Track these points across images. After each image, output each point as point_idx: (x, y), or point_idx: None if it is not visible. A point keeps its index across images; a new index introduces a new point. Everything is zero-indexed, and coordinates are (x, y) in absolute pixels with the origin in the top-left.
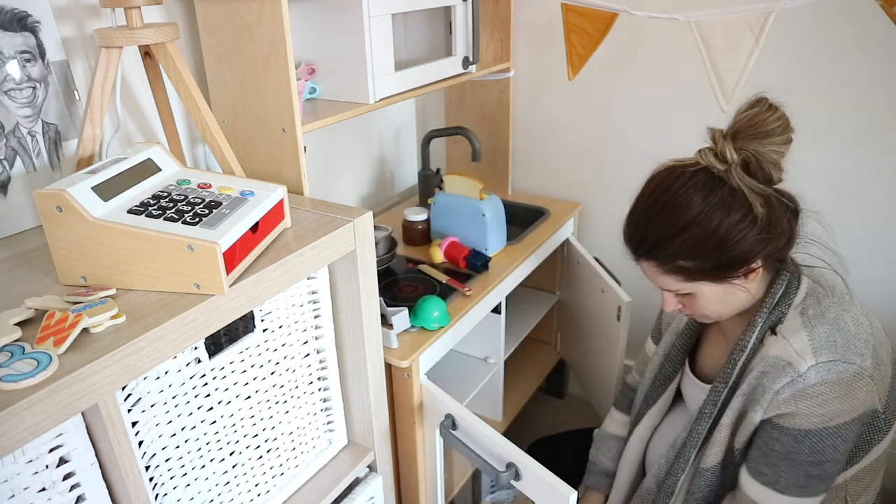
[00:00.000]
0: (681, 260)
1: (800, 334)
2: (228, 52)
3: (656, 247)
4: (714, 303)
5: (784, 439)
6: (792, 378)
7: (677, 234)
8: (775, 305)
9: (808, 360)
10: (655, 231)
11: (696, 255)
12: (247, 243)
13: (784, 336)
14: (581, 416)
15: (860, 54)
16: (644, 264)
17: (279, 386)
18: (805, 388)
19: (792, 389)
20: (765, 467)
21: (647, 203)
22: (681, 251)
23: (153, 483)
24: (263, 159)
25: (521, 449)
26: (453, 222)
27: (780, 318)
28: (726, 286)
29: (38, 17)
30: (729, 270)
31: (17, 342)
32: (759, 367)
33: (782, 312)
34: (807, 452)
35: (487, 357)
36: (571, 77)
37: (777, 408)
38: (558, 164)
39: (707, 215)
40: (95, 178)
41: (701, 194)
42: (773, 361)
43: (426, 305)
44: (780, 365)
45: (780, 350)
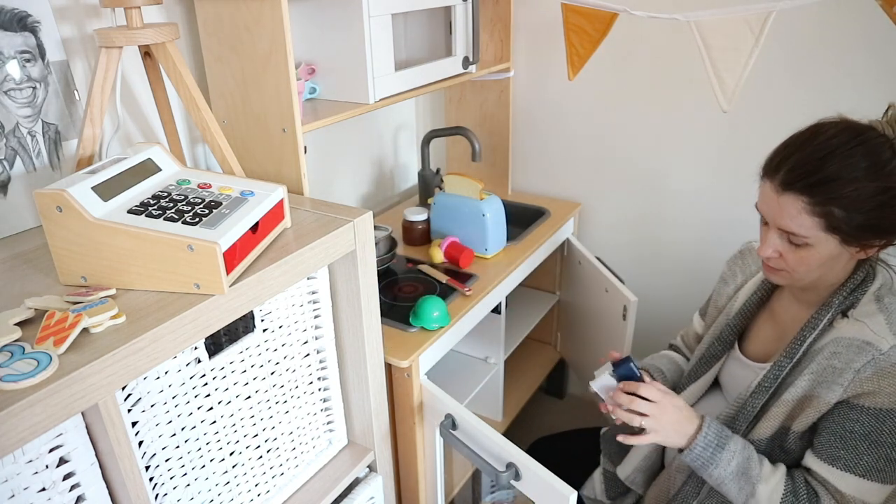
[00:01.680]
0: (836, 206)
1: (877, 317)
2: (228, 52)
3: (826, 184)
4: (817, 263)
5: (865, 419)
6: (874, 356)
7: (854, 180)
8: (852, 291)
9: (890, 340)
10: (832, 169)
11: (856, 207)
12: (247, 243)
13: (859, 319)
14: (581, 416)
15: (861, 54)
16: (789, 198)
17: (279, 386)
18: (888, 367)
19: (874, 367)
20: (842, 451)
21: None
22: (846, 197)
23: (153, 483)
24: (263, 159)
25: (521, 449)
26: (453, 222)
27: (854, 303)
28: (843, 250)
29: (38, 17)
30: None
31: (17, 342)
32: (829, 348)
33: (857, 298)
34: (888, 433)
35: (487, 357)
36: (571, 77)
37: (859, 386)
38: (558, 164)
39: (888, 175)
40: (95, 178)
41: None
42: (848, 342)
43: (426, 305)
44: (857, 344)
45: (856, 331)
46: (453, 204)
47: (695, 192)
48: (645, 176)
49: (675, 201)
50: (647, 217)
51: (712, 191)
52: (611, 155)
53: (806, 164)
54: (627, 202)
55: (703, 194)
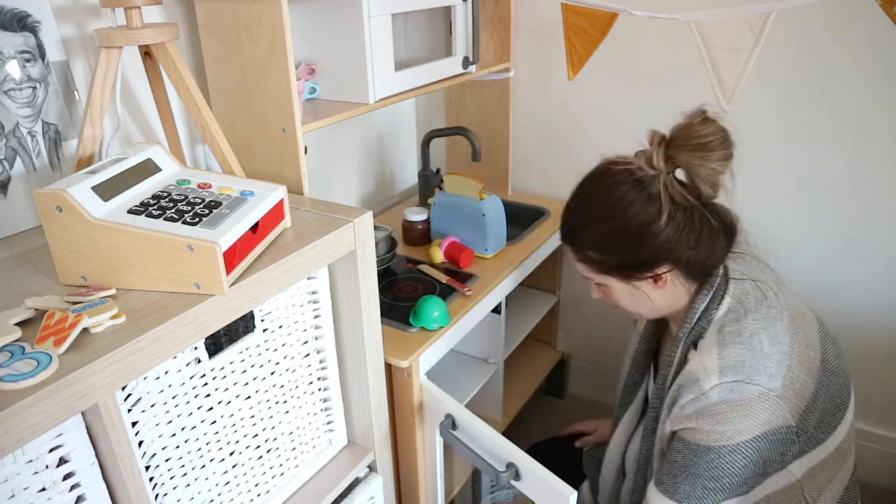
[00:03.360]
0: (591, 250)
1: (712, 352)
2: (228, 52)
3: (572, 233)
4: (625, 300)
5: (685, 452)
6: (696, 395)
7: (590, 224)
8: (697, 320)
9: (713, 379)
10: (575, 218)
11: (604, 248)
12: (247, 243)
13: (700, 351)
14: (581, 416)
15: (861, 54)
16: (566, 248)
17: (279, 386)
18: (707, 406)
19: (695, 406)
20: (666, 477)
21: (577, 190)
22: (591, 242)
23: (153, 483)
24: (263, 159)
25: (521, 449)
26: (453, 222)
27: (702, 333)
28: (633, 287)
29: (38, 17)
30: (634, 271)
31: (17, 342)
32: (678, 382)
33: (703, 328)
34: (704, 467)
35: (487, 357)
36: (571, 77)
37: (681, 422)
38: (558, 164)
39: (621, 212)
40: (95, 178)
41: (622, 189)
42: (688, 375)
43: (426, 305)
44: (692, 379)
45: (694, 366)
46: (453, 204)
47: None
48: None
49: None
50: None
51: None
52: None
53: (563, 217)
54: None
55: None
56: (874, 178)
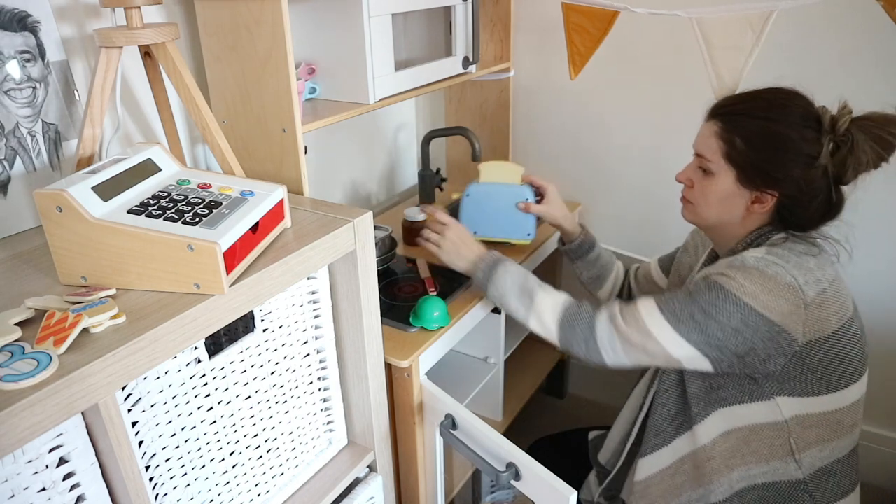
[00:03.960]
0: (740, 137)
1: (759, 249)
2: (228, 52)
3: (732, 114)
4: (714, 197)
5: (699, 283)
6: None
7: (759, 118)
8: (754, 239)
9: (755, 255)
10: (745, 104)
11: (754, 143)
12: (247, 243)
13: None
14: (581, 416)
15: (861, 54)
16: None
17: (279, 386)
18: (739, 264)
19: (729, 262)
20: (667, 293)
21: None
22: (746, 131)
23: (153, 483)
24: (263, 159)
25: (521, 449)
26: (492, 212)
27: (748, 246)
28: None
29: (38, 17)
30: (755, 178)
31: (17, 342)
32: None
33: (757, 244)
34: (705, 299)
35: (487, 357)
36: (573, 77)
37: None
38: (558, 163)
39: (791, 127)
40: (95, 178)
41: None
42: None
43: (426, 305)
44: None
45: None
46: (493, 192)
47: None
48: (645, 176)
49: (675, 201)
50: (646, 216)
51: None
52: (611, 155)
53: (731, 98)
54: (628, 202)
55: None
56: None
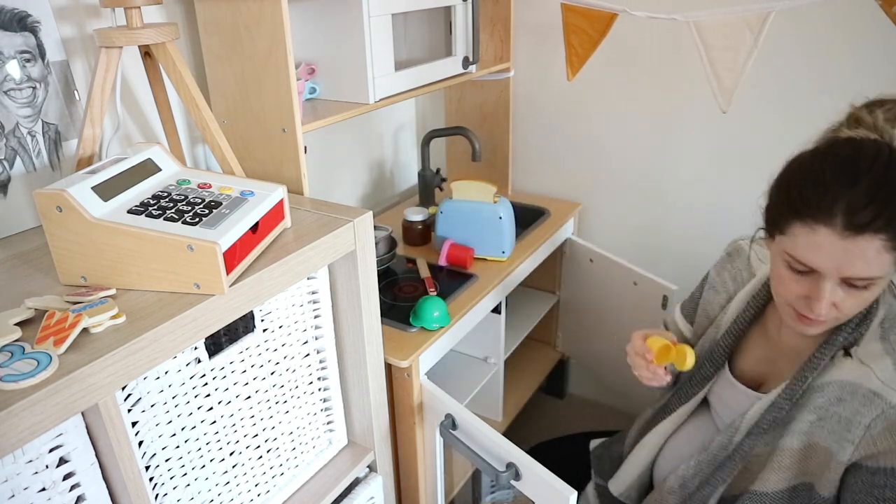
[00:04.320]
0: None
1: (884, 361)
2: (228, 52)
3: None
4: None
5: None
6: (883, 410)
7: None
8: (858, 324)
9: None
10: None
11: None
12: (247, 243)
13: (864, 361)
14: (581, 416)
15: (860, 54)
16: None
17: (279, 386)
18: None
19: (885, 422)
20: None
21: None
22: None
23: (153, 483)
24: (263, 159)
25: (521, 449)
26: (465, 228)
27: (858, 338)
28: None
29: (38, 17)
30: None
31: (17, 342)
32: (831, 391)
33: (861, 333)
34: None
35: (487, 357)
36: (571, 77)
37: (872, 445)
38: (558, 164)
39: None
40: (95, 178)
41: None
42: (853, 389)
43: (426, 305)
44: (863, 393)
45: (860, 376)
46: (465, 210)
47: (694, 192)
48: (645, 176)
49: (674, 201)
50: (647, 217)
51: (712, 191)
52: (611, 155)
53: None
54: (627, 202)
55: (703, 194)
56: None
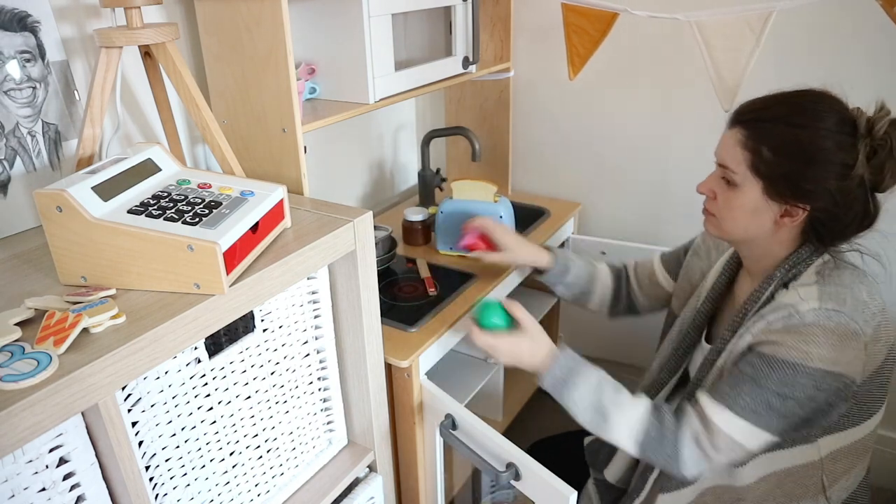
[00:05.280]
0: (766, 147)
1: (811, 289)
2: (228, 52)
3: (758, 121)
4: (741, 211)
5: (758, 364)
6: (789, 313)
7: (787, 126)
8: (795, 264)
9: (811, 304)
10: (772, 110)
11: (782, 152)
12: (247, 243)
13: (794, 290)
14: None
15: (861, 54)
16: (732, 131)
17: (279, 386)
18: (798, 325)
19: (785, 322)
20: (728, 388)
21: (792, 93)
22: (774, 139)
23: (153, 483)
24: (263, 159)
25: (521, 449)
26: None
27: (797, 275)
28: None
29: (38, 17)
30: (784, 190)
31: (17, 342)
32: (764, 311)
33: (799, 270)
34: (775, 381)
35: (487, 357)
36: (572, 77)
37: (764, 335)
38: (558, 163)
39: (823, 135)
40: (95, 178)
41: (834, 119)
42: (776, 306)
43: (487, 312)
44: (782, 307)
45: (788, 298)
46: (465, 209)
47: (695, 192)
48: (645, 176)
49: (675, 201)
50: (647, 217)
51: None
52: (611, 155)
53: (756, 103)
54: (627, 202)
55: None
56: None
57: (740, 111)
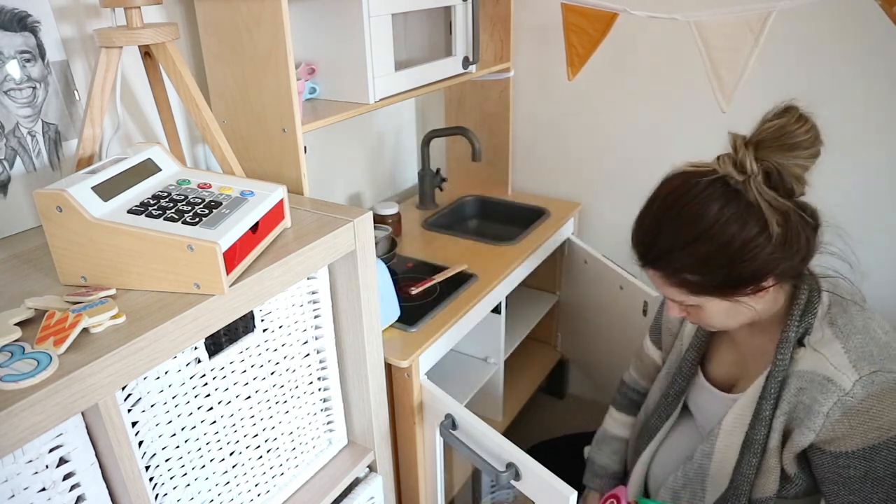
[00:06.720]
0: (687, 273)
1: (834, 346)
2: (228, 52)
3: (663, 257)
4: (719, 316)
5: (855, 463)
6: (839, 397)
7: (685, 247)
8: (801, 317)
9: (851, 375)
10: (663, 240)
11: (704, 269)
12: (247, 243)
13: (816, 349)
14: (581, 416)
15: (860, 54)
16: (650, 272)
17: (279, 386)
18: (854, 406)
19: (842, 409)
20: (850, 496)
21: (658, 210)
22: (688, 264)
23: (153, 483)
24: (263, 159)
25: (521, 449)
26: None
27: (808, 329)
28: (733, 302)
29: (38, 17)
30: (738, 288)
31: (17, 342)
32: (794, 382)
33: (809, 323)
34: (882, 467)
35: (487, 357)
36: (571, 77)
37: (831, 430)
38: (558, 164)
39: (720, 229)
40: (95, 178)
41: (716, 205)
42: (810, 377)
43: None
44: (819, 381)
45: (815, 364)
46: None
47: None
48: (645, 176)
49: None
50: None
51: None
52: (611, 155)
53: (643, 241)
54: (627, 202)
55: None
56: (874, 177)
57: (639, 253)
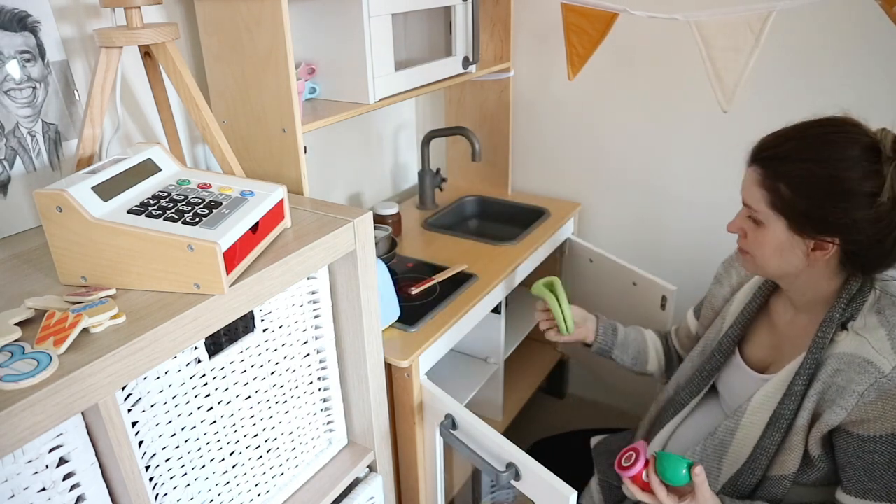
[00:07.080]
0: (784, 183)
1: (878, 332)
2: (228, 52)
3: (774, 158)
4: (770, 248)
5: (882, 448)
6: (876, 379)
7: (804, 161)
8: (849, 302)
9: (892, 360)
10: (787, 146)
11: (801, 189)
12: (247, 243)
13: (860, 333)
14: (581, 416)
15: (861, 54)
16: (751, 169)
17: (279, 386)
18: (891, 389)
19: (878, 391)
20: (870, 483)
21: (809, 125)
22: (793, 177)
23: (153, 483)
24: (263, 159)
25: (521, 449)
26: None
27: (854, 314)
28: (792, 240)
29: (38, 17)
30: (810, 226)
31: (17, 342)
32: (831, 364)
33: (855, 309)
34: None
35: (487, 357)
36: (571, 77)
37: (863, 411)
38: (558, 164)
39: (843, 165)
40: (95, 178)
41: (855, 150)
42: (849, 359)
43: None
44: (858, 363)
45: (856, 347)
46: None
47: (695, 191)
48: (645, 176)
49: (674, 202)
50: (646, 217)
51: (712, 191)
52: (611, 155)
53: (771, 141)
54: (627, 202)
55: (703, 195)
56: None
57: (757, 149)
